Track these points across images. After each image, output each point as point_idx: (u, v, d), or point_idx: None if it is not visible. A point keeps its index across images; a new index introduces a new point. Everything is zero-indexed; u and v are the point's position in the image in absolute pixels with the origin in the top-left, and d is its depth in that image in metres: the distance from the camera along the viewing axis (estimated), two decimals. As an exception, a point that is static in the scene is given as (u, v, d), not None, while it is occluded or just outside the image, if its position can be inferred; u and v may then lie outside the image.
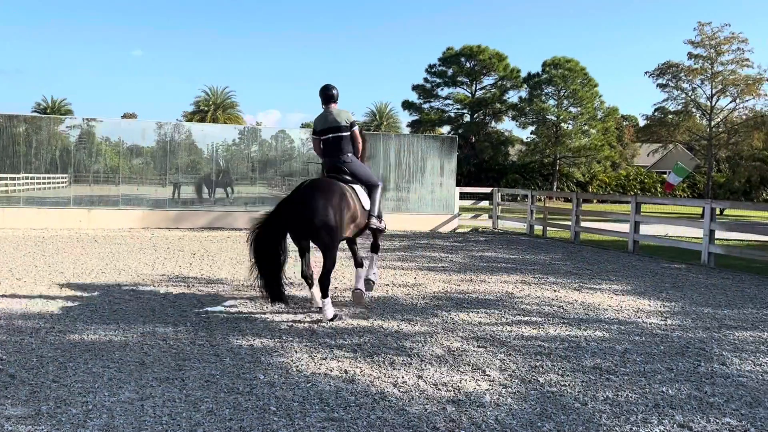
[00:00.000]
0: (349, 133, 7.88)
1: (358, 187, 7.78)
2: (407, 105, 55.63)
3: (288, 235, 7.36)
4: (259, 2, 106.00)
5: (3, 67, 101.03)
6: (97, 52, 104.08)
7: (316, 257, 7.52)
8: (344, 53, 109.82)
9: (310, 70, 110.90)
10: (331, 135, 7.84)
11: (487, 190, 22.28)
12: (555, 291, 9.47)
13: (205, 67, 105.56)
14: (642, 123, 53.01)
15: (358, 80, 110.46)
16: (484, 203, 21.79)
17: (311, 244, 7.49)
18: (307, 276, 7.61)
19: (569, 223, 17.45)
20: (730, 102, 42.05)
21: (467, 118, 54.60)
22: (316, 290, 7.54)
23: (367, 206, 7.83)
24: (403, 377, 5.22)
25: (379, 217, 8.09)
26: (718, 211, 18.44)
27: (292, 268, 9.07)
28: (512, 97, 53.40)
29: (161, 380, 4.98)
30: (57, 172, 18.55)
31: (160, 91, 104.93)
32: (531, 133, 52.95)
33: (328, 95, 7.96)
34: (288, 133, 22.42)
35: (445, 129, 55.67)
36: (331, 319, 7.05)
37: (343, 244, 8.09)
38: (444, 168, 20.41)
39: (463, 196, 21.25)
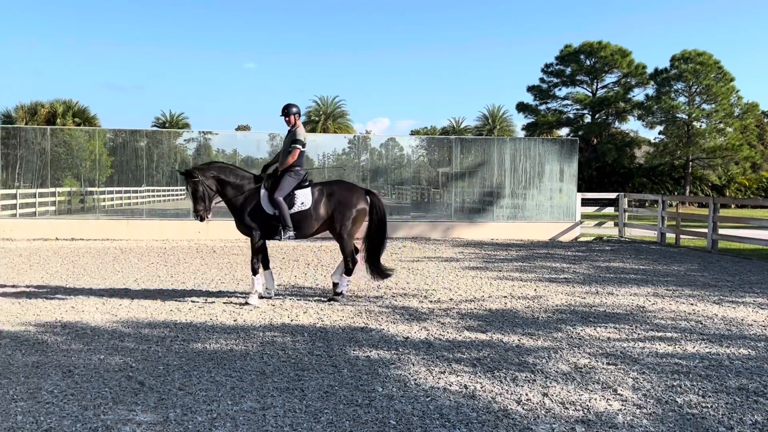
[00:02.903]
0: None
1: None
2: (522, 107, 54.73)
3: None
4: (368, 12, 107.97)
5: (124, 84, 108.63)
6: (212, 65, 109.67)
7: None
8: (453, 56, 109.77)
9: (418, 76, 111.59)
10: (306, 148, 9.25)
11: (612, 195, 21.56)
12: (692, 304, 9.02)
13: (314, 76, 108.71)
14: (788, 119, 49.52)
15: (468, 83, 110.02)
16: (609, 210, 21.07)
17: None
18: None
19: (705, 230, 16.56)
20: None
21: (588, 119, 53.03)
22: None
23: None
24: (526, 394, 5.15)
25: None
26: None
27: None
28: (637, 95, 51.38)
29: (281, 390, 5.17)
30: (176, 185, 19.73)
31: (272, 103, 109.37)
32: (659, 133, 50.66)
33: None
34: (398, 140, 22.73)
35: (564, 131, 54.37)
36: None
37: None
38: (564, 172, 19.96)
39: (586, 202, 20.66)
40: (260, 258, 8.90)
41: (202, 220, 8.79)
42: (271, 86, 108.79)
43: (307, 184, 8.95)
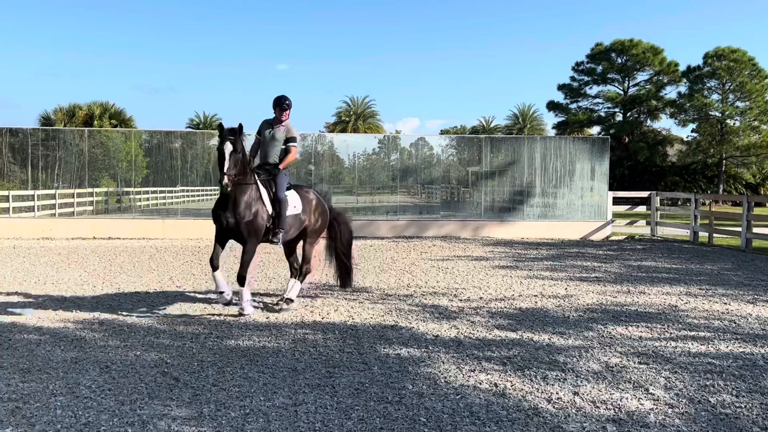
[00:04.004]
0: None
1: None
2: (552, 106, 54.26)
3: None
4: (399, 14, 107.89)
5: (157, 86, 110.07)
6: (245, 67, 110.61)
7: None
8: (483, 56, 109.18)
9: (447, 76, 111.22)
10: None
11: (644, 194, 21.27)
12: (725, 304, 8.86)
13: (344, 77, 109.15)
14: (825, 116, 48.31)
15: (498, 83, 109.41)
16: (641, 208, 20.78)
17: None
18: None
19: (739, 229, 16.26)
20: None
21: (619, 117, 52.38)
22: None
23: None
24: (557, 393, 5.10)
25: None
26: None
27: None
28: (670, 92, 50.61)
29: (313, 387, 5.20)
30: (210, 185, 19.94)
31: (303, 103, 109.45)
32: (692, 131, 49.87)
33: None
34: (427, 140, 22.66)
35: (595, 130, 53.74)
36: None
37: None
38: (595, 171, 19.74)
39: (617, 201, 20.41)
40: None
41: (226, 188, 7.39)
42: (303, 87, 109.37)
43: (289, 186, 8.44)
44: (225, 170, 7.34)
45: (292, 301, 8.33)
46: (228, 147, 7.43)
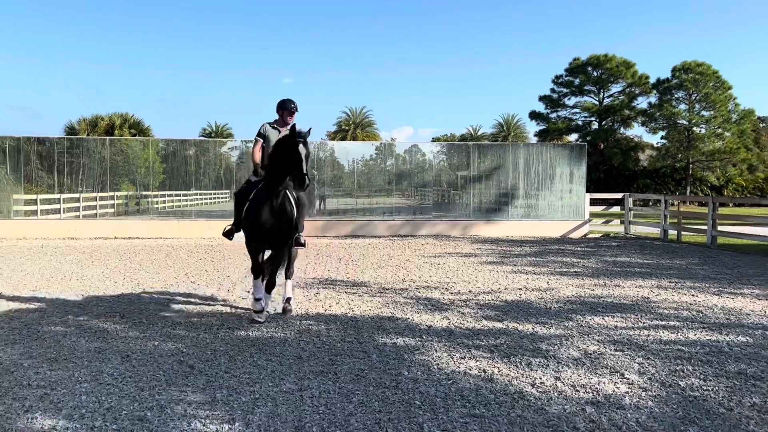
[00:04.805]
0: None
1: None
2: (534, 115, 54.37)
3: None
4: (395, 30, 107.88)
5: (173, 98, 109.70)
6: (253, 81, 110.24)
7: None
8: (471, 68, 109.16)
9: (439, 88, 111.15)
10: None
11: (618, 195, 21.28)
12: (693, 295, 8.86)
13: (344, 89, 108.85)
14: (782, 123, 48.50)
15: (485, 94, 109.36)
16: (615, 209, 20.80)
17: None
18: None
19: (705, 227, 16.28)
20: None
21: (595, 126, 52.49)
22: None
23: None
24: (540, 378, 5.10)
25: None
26: None
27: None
28: (641, 103, 50.78)
29: (317, 373, 5.18)
30: (222, 189, 19.90)
31: (307, 114, 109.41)
32: (662, 138, 50.05)
33: None
34: (420, 147, 22.63)
35: (573, 137, 53.84)
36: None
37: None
38: (573, 175, 19.75)
39: (594, 202, 20.41)
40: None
41: (306, 188, 6.73)
42: (306, 99, 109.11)
43: None
44: (306, 172, 6.61)
45: (291, 298, 7.86)
46: (303, 150, 6.66)
